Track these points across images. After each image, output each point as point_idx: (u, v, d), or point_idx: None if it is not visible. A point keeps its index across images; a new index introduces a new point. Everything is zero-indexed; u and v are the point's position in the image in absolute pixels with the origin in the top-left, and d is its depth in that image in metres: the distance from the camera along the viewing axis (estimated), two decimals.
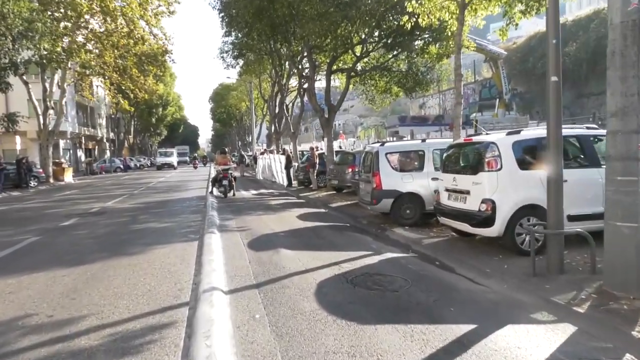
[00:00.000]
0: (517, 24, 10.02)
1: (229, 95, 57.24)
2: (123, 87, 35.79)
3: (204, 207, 13.45)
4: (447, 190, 7.69)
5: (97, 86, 48.92)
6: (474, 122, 26.55)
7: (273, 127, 35.55)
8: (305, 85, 27.98)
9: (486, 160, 6.80)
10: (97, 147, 59.10)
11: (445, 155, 8.16)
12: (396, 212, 9.84)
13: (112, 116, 57.07)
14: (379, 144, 10.38)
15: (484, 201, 6.71)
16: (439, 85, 23.67)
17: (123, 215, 12.46)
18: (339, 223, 10.88)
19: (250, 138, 58.47)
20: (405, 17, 10.91)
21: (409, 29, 11.27)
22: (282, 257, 7.04)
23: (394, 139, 24.68)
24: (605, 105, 4.97)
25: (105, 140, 57.97)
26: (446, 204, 7.66)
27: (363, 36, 16.80)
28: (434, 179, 9.82)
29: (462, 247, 7.51)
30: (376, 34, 17.04)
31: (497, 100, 26.43)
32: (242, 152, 55.11)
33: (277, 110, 33.44)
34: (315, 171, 19.13)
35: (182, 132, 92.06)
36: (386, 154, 9.94)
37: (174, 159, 51.69)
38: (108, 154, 55.97)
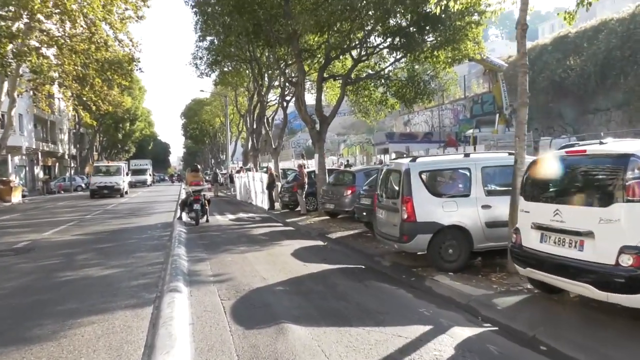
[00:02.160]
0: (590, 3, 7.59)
1: (202, 110, 54.13)
2: (84, 98, 32.36)
3: (169, 240, 10.45)
4: (541, 228, 5.03)
5: (58, 98, 45.13)
6: (472, 138, 24.44)
7: (250, 143, 32.71)
8: (289, 97, 25.48)
9: (627, 183, 4.20)
10: (57, 164, 54.77)
11: (529, 173, 5.53)
12: (435, 252, 7.15)
13: (74, 131, 52.98)
14: (409, 159, 7.71)
15: (625, 250, 4.09)
16: (443, 96, 21.53)
17: (56, 255, 9.25)
18: (351, 264, 8.11)
19: (225, 155, 55.39)
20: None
21: (438, 13, 8.81)
22: (294, 346, 4.17)
23: (405, 154, 22.15)
24: (613, 122, 2.43)
25: (67, 156, 53.74)
26: (541, 250, 4.99)
27: (364, 33, 14.30)
28: (485, 206, 7.22)
29: (569, 317, 4.85)
30: (379, 29, 14.57)
31: (497, 115, 24.38)
32: (217, 171, 52.01)
33: (255, 125, 30.66)
34: (304, 192, 16.35)
35: (152, 149, 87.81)
36: (420, 172, 7.27)
37: (120, 180, 31.40)
38: (71, 171, 51.75)
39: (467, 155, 7.66)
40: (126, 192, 32.88)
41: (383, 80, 17.97)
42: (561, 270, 4.69)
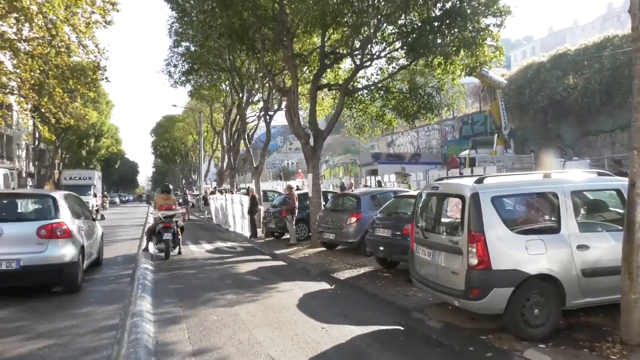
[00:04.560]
0: None
1: (174, 127, 51.24)
2: (42, 110, 29.27)
3: (130, 284, 7.92)
4: None
5: (16, 111, 41.53)
6: (468, 159, 22.74)
7: (227, 162, 30.23)
8: (273, 110, 23.31)
9: None
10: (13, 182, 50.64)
11: None
12: (516, 312, 4.97)
13: (34, 146, 49.16)
14: (470, 179, 5.55)
15: None
16: (451, 110, 19.81)
17: None
18: (383, 324, 5.88)
19: (197, 175, 52.41)
20: None
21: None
22: None
23: (408, 175, 20.12)
24: (618, 144, 0.34)
25: (24, 174, 49.71)
26: None
27: (372, 31, 12.28)
28: (581, 247, 5.13)
29: None
30: (390, 29, 12.62)
31: (495, 135, 22.82)
32: (186, 191, 48.95)
33: (232, 142, 28.26)
34: (294, 219, 14.04)
35: (119, 168, 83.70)
36: (493, 199, 5.12)
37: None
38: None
39: (547, 175, 5.58)
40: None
41: (382, 93, 16.01)
42: None
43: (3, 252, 6.70)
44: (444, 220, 5.78)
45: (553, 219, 5.29)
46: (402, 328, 5.82)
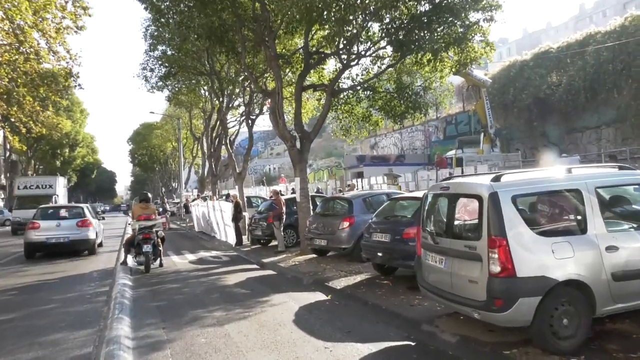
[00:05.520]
0: None
1: (152, 135, 49.96)
2: (12, 119, 27.92)
3: (106, 304, 7.16)
4: None
5: None
6: (454, 159, 22.42)
7: (207, 169, 29.39)
8: (254, 114, 22.64)
9: None
10: None
11: None
12: (544, 323, 4.45)
13: (4, 157, 47.32)
14: (486, 176, 5.01)
15: None
16: (438, 110, 19.41)
17: None
18: (392, 340, 5.32)
19: (177, 183, 51.18)
20: None
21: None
22: None
23: (398, 176, 19.55)
24: (604, 140, 0.35)
25: None
26: None
27: (359, 28, 11.75)
28: (610, 248, 4.64)
29: None
30: (378, 25, 12.10)
31: (482, 134, 22.57)
32: (165, 199, 47.69)
33: (213, 148, 27.44)
34: (282, 225, 13.39)
35: (96, 178, 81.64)
36: (514, 198, 4.59)
37: None
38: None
39: (568, 170, 5.09)
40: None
41: (368, 93, 15.53)
42: None
43: (62, 234, 13.78)
44: (457, 223, 5.23)
45: (579, 218, 4.78)
46: (413, 343, 5.25)
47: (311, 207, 13.04)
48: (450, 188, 5.37)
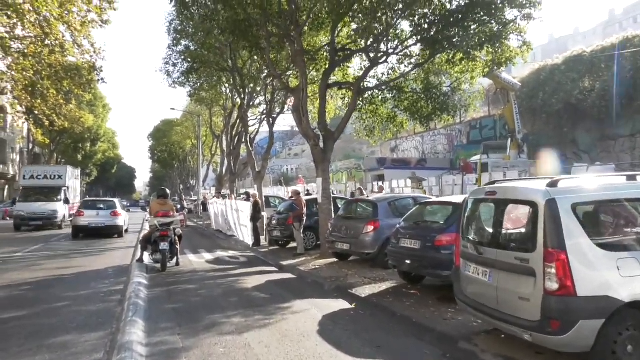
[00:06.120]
0: None
1: (172, 131, 50.15)
2: (36, 112, 28.09)
3: (120, 304, 6.83)
4: None
5: (11, 114, 40.30)
6: (479, 164, 21.69)
7: (226, 166, 29.16)
8: (276, 112, 22.32)
9: None
10: (7, 186, 49.52)
11: None
12: (607, 351, 3.92)
13: (28, 150, 48.00)
14: (542, 182, 4.48)
15: None
16: (466, 112, 18.80)
17: None
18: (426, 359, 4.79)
19: (195, 181, 51.26)
20: None
21: None
22: None
23: (424, 179, 19.00)
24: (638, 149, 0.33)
25: (18, 178, 48.54)
26: None
27: (389, 21, 11.24)
28: None
29: None
30: (409, 22, 11.59)
31: (509, 140, 21.81)
32: (183, 196, 47.73)
33: (232, 146, 27.20)
34: (302, 226, 12.96)
35: (116, 174, 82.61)
36: (575, 206, 4.08)
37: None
38: None
39: (631, 177, 4.54)
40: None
41: (394, 93, 15.01)
42: None
43: (100, 220, 18.39)
44: (505, 232, 4.71)
45: None
46: None
47: (332, 209, 12.61)
48: (498, 193, 4.86)
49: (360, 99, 14.76)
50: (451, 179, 18.78)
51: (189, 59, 19.94)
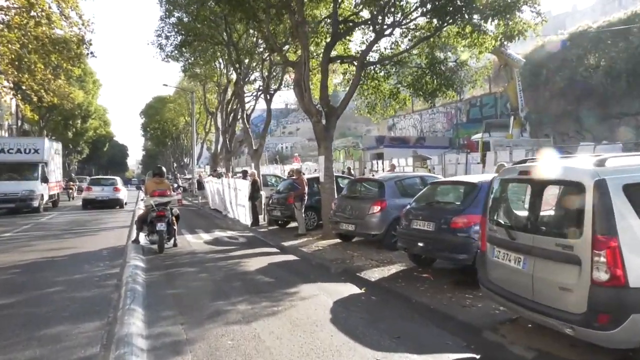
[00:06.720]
0: None
1: (165, 108, 49.12)
2: (23, 87, 27.13)
3: (117, 289, 6.40)
4: None
5: None
6: (480, 143, 21.30)
7: (221, 144, 28.52)
8: (272, 88, 21.67)
9: None
10: None
11: None
12: None
13: (16, 127, 46.88)
14: (589, 160, 4.04)
15: None
16: (473, 88, 18.18)
17: None
18: (453, 353, 4.43)
19: (189, 159, 50.50)
20: None
21: None
22: None
23: (429, 158, 18.49)
24: None
25: None
26: None
27: None
28: None
29: None
30: None
31: (512, 118, 21.35)
32: (177, 174, 47.05)
33: (228, 123, 26.55)
34: (303, 206, 12.54)
35: (108, 151, 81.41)
36: (627, 187, 3.65)
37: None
38: None
39: None
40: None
41: (397, 68, 14.44)
42: None
43: (104, 194, 23.25)
44: (544, 216, 4.29)
45: None
46: (477, 356, 4.39)
47: (335, 189, 12.18)
48: (533, 173, 4.42)
49: (363, 75, 14.19)
50: (454, 157, 18.36)
51: (182, 32, 19.12)
